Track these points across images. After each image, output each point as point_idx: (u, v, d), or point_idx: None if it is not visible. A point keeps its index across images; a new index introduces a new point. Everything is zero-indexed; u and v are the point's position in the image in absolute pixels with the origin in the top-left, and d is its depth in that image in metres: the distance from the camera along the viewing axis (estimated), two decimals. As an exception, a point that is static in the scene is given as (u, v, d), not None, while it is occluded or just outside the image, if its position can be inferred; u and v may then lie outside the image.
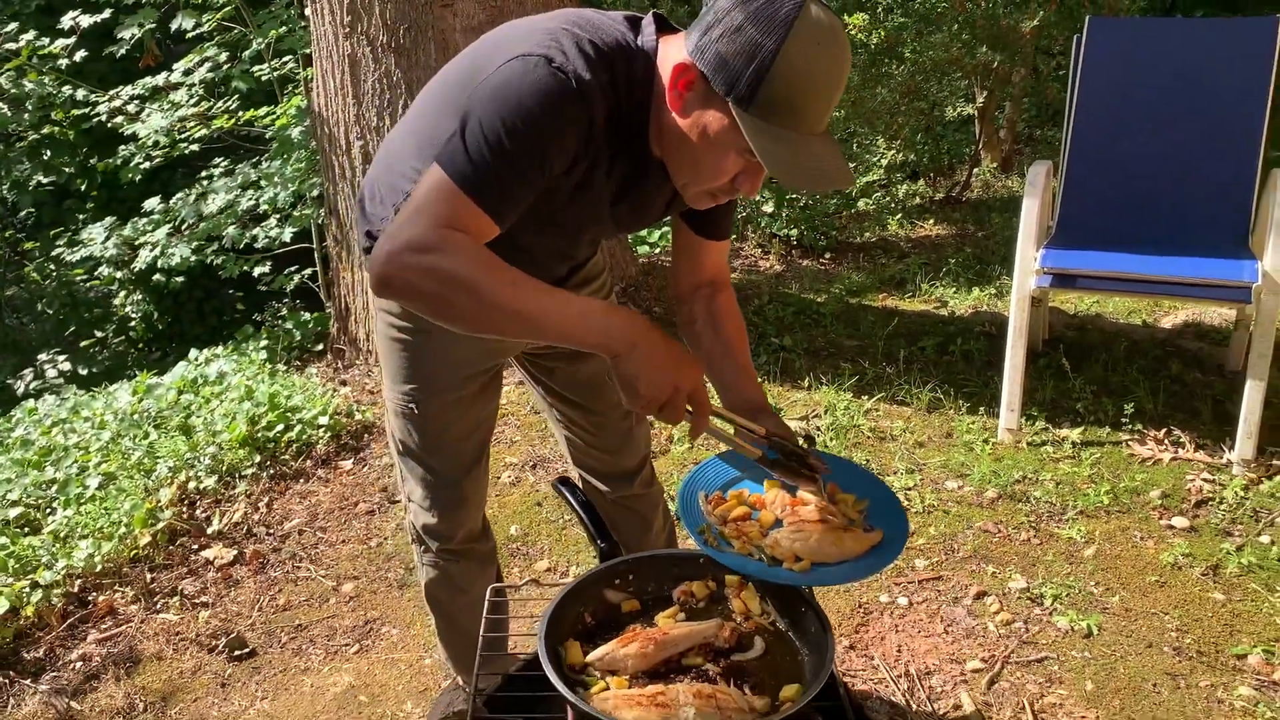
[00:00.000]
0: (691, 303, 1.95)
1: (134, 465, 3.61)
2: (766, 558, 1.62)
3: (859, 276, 5.44)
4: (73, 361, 8.49)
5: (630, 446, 2.23)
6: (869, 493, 1.77)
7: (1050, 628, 2.75)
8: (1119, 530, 3.12)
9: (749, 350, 1.97)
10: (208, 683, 2.73)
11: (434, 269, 1.43)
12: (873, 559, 1.63)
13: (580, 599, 1.71)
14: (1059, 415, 3.77)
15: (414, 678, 2.69)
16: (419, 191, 1.49)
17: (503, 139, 1.45)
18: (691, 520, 1.67)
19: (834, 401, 3.93)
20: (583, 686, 1.56)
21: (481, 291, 1.44)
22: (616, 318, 1.50)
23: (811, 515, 1.69)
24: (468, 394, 1.98)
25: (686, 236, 1.91)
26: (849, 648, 2.72)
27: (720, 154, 1.49)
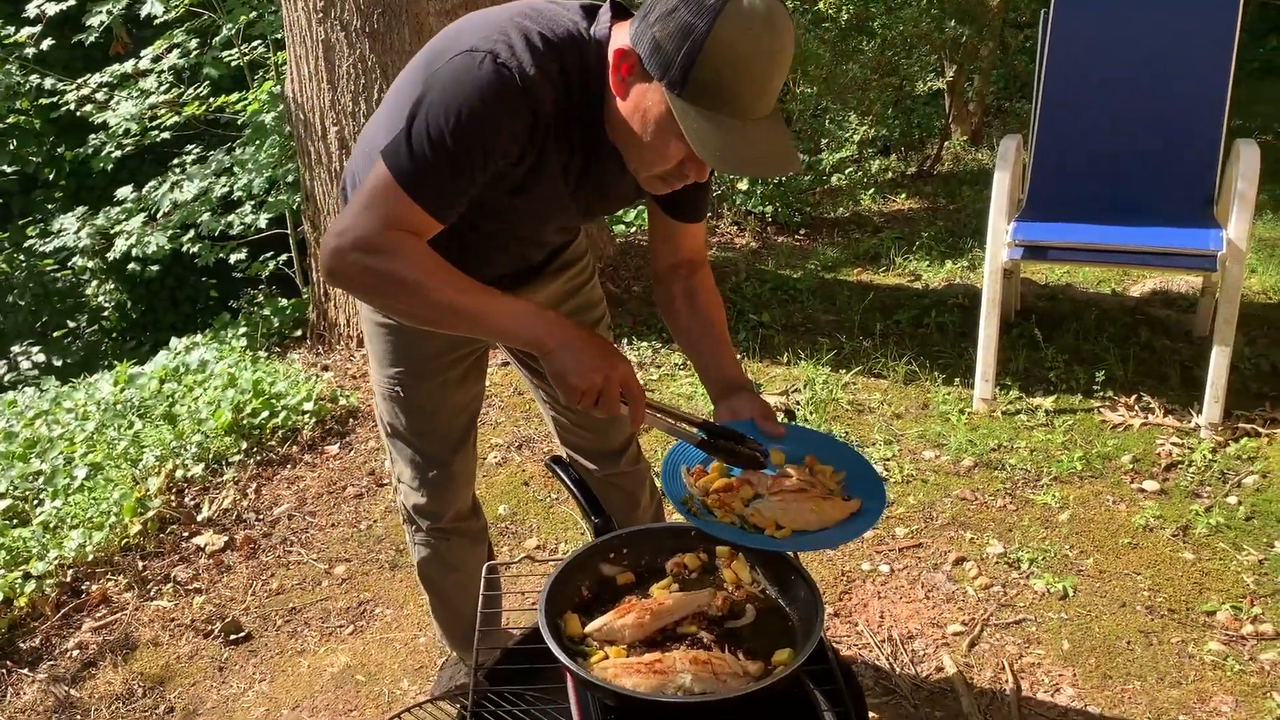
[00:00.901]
0: (670, 283, 2.00)
1: (120, 455, 3.63)
2: (749, 526, 1.68)
3: (834, 252, 5.51)
4: (46, 353, 8.44)
5: (616, 426, 2.27)
6: (846, 464, 1.83)
7: (1027, 590, 2.84)
8: (1092, 495, 3.21)
9: (727, 328, 2.01)
10: (205, 666, 2.77)
11: (379, 269, 1.53)
12: (851, 525, 1.69)
13: (577, 573, 1.76)
14: (1032, 384, 3.86)
15: (409, 656, 2.74)
16: (365, 187, 1.57)
17: (445, 137, 1.50)
18: (675, 491, 1.72)
19: (813, 376, 4.00)
20: (582, 656, 1.62)
21: (424, 291, 1.54)
22: (546, 317, 1.59)
23: (792, 485, 1.75)
24: (453, 376, 2.02)
25: (661, 219, 1.95)
26: (833, 614, 2.79)
27: (661, 139, 1.51)
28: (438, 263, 1.56)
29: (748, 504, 1.72)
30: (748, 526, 1.68)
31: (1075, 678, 2.53)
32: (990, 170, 4.15)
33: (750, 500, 1.73)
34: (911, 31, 6.23)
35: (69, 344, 8.76)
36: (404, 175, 1.52)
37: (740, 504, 1.72)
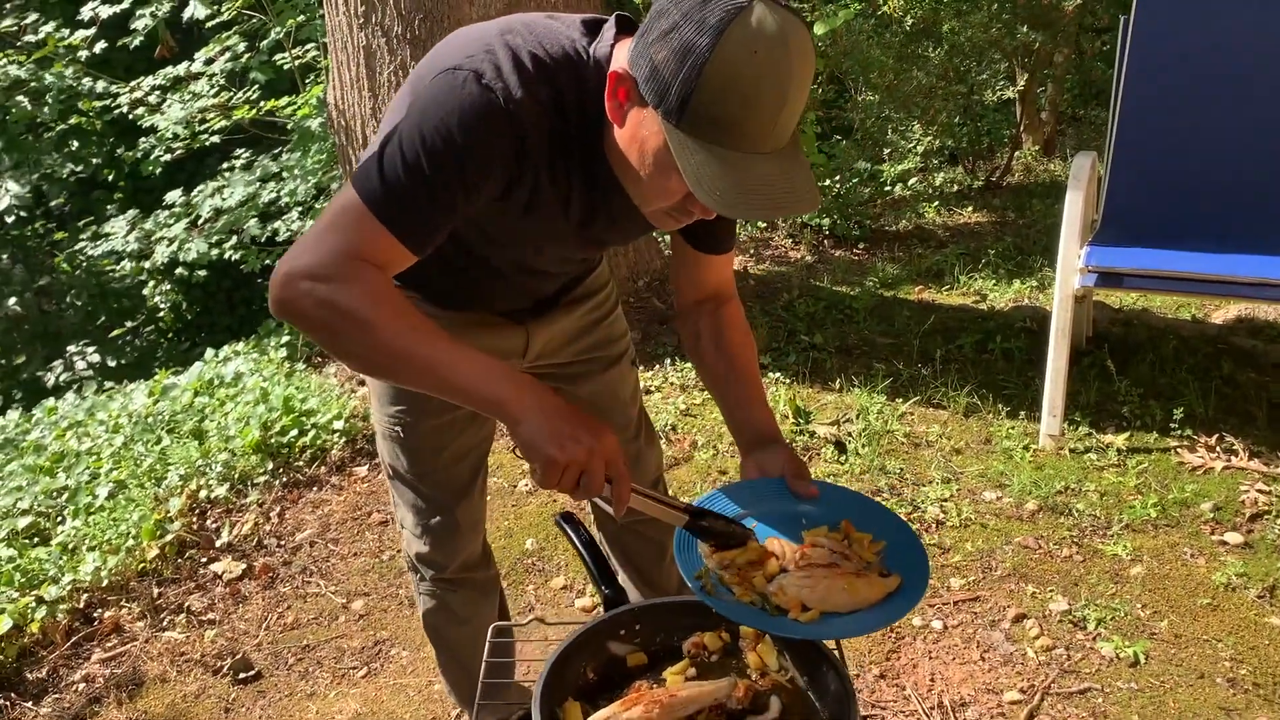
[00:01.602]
0: (695, 319, 1.80)
1: (145, 473, 3.53)
2: (770, 607, 1.48)
3: (894, 268, 5.26)
4: (102, 353, 8.49)
5: (639, 469, 2.09)
6: (887, 531, 1.62)
7: (1094, 655, 2.59)
8: (1167, 547, 2.95)
9: (758, 368, 1.81)
10: (211, 708, 2.64)
11: (329, 301, 1.32)
12: (888, 608, 1.48)
13: (582, 653, 1.58)
14: (1104, 420, 3.59)
15: (423, 704, 2.58)
16: (329, 211, 1.38)
17: (421, 161, 1.32)
18: (687, 564, 1.52)
19: (866, 405, 3.77)
20: (583, 759, 1.44)
21: (377, 332, 1.33)
22: (518, 380, 1.38)
23: (822, 558, 1.54)
24: (460, 416, 1.85)
25: (684, 250, 1.75)
26: (879, 676, 2.57)
27: (661, 174, 1.32)
28: (399, 302, 1.36)
29: (771, 580, 1.52)
30: (769, 607, 1.48)
31: (1147, 760, 2.29)
32: (1063, 182, 3.89)
33: (775, 576, 1.53)
34: (981, 37, 5.96)
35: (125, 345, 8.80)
36: (374, 199, 1.34)
37: (763, 580, 1.52)
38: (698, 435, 3.64)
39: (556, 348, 1.92)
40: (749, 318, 1.84)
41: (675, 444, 3.59)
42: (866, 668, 2.59)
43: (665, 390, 3.99)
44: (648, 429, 2.11)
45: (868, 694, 2.51)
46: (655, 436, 2.15)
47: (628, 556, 2.23)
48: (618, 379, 2.01)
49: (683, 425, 3.72)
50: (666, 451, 3.54)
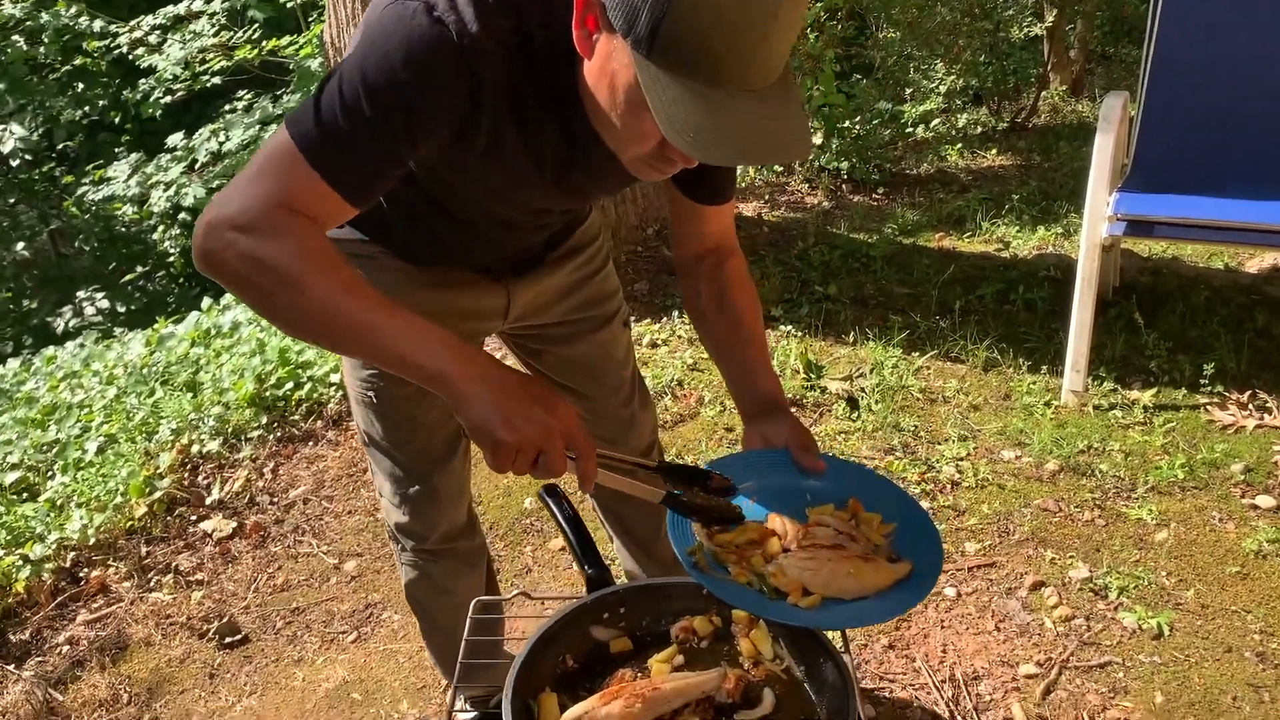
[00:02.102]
0: (694, 276, 1.66)
1: (136, 426, 3.44)
2: (768, 589, 1.36)
3: (914, 214, 5.07)
4: (111, 299, 8.41)
5: (633, 433, 1.97)
6: (898, 512, 1.49)
7: (1115, 626, 2.47)
8: (1195, 510, 2.81)
9: (763, 329, 1.67)
10: (196, 673, 2.56)
11: (252, 255, 1.17)
12: (897, 597, 1.36)
13: (561, 638, 1.46)
14: (1130, 375, 3.43)
15: (412, 672, 2.49)
16: (261, 153, 1.23)
17: (361, 102, 1.18)
18: (680, 539, 1.40)
19: (881, 358, 3.62)
20: (557, 752, 1.33)
21: (306, 291, 1.18)
22: (463, 350, 1.22)
23: (826, 538, 1.42)
24: None
25: (680, 201, 1.61)
26: (888, 647, 2.46)
27: (633, 114, 1.16)
28: (331, 259, 1.21)
29: (771, 561, 1.40)
30: (767, 590, 1.36)
31: (1169, 739, 2.17)
32: (1092, 123, 3.69)
33: (775, 557, 1.40)
34: (1009, -29, 5.69)
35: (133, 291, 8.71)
36: (308, 144, 1.19)
37: (762, 560, 1.40)
38: (704, 391, 3.51)
39: (542, 307, 1.79)
40: (761, 267, 1.70)
41: (681, 400, 3.46)
42: (874, 638, 2.48)
43: (673, 344, 3.85)
44: (641, 392, 1.98)
45: (875, 665, 2.40)
46: (650, 399, 2.02)
47: (625, 527, 2.11)
48: (609, 340, 1.88)
49: (689, 380, 3.59)
50: (672, 408, 3.41)
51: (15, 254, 8.69)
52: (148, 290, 8.98)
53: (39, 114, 8.32)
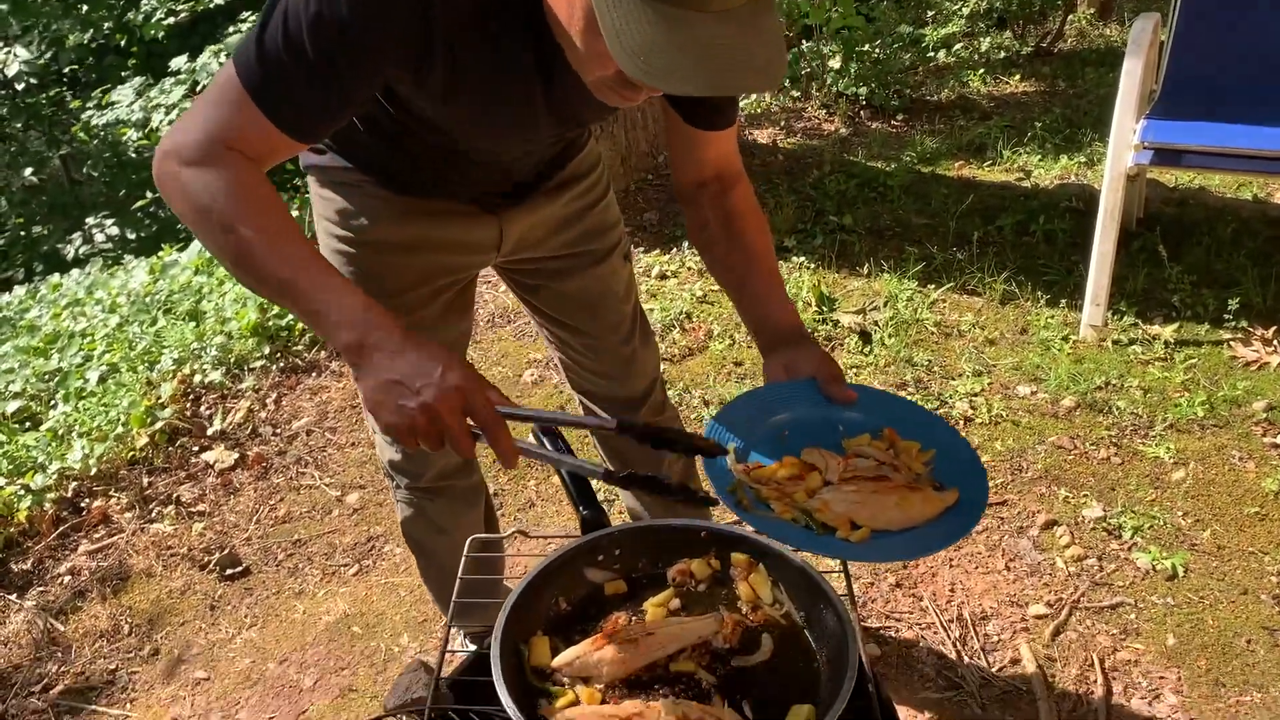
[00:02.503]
0: (699, 205, 1.57)
1: (138, 356, 3.39)
2: (815, 525, 1.30)
3: (933, 142, 4.93)
4: (121, 225, 8.33)
5: (633, 371, 1.90)
6: (935, 439, 1.42)
7: (1128, 566, 2.42)
8: (1214, 449, 2.74)
9: (775, 257, 1.58)
10: (196, 604, 2.54)
11: (189, 190, 1.16)
12: (948, 526, 1.30)
13: (554, 580, 1.42)
14: (1151, 309, 3.33)
15: (413, 606, 2.47)
16: (213, 83, 1.19)
17: (303, 37, 1.11)
18: (718, 476, 1.33)
19: (896, 291, 3.53)
20: (546, 697, 1.29)
21: (234, 234, 1.15)
22: (375, 323, 1.15)
23: (869, 470, 1.36)
24: (428, 314, 1.66)
25: (679, 127, 1.52)
26: (895, 585, 2.42)
27: (591, 33, 1.07)
28: (264, 205, 1.17)
29: (813, 495, 1.33)
30: (815, 525, 1.30)
31: (1180, 682, 2.13)
32: (1120, 48, 3.54)
33: (817, 491, 1.34)
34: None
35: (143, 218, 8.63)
36: (251, 80, 1.14)
37: (805, 495, 1.33)
38: (714, 324, 3.44)
39: (537, 240, 1.71)
40: (775, 195, 1.62)
41: (690, 333, 3.39)
42: (881, 576, 2.44)
43: (682, 275, 3.77)
44: (643, 328, 1.91)
45: (881, 604, 2.37)
46: (651, 336, 1.95)
47: (625, 463, 2.06)
48: (608, 274, 1.80)
49: (698, 313, 3.51)
50: (680, 342, 3.34)
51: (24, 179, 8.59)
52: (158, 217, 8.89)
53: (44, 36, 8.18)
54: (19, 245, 8.42)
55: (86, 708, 2.29)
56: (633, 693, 1.28)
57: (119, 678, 2.36)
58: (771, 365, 1.48)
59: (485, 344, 3.51)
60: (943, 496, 1.33)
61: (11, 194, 8.62)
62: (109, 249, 8.07)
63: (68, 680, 2.36)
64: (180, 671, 2.36)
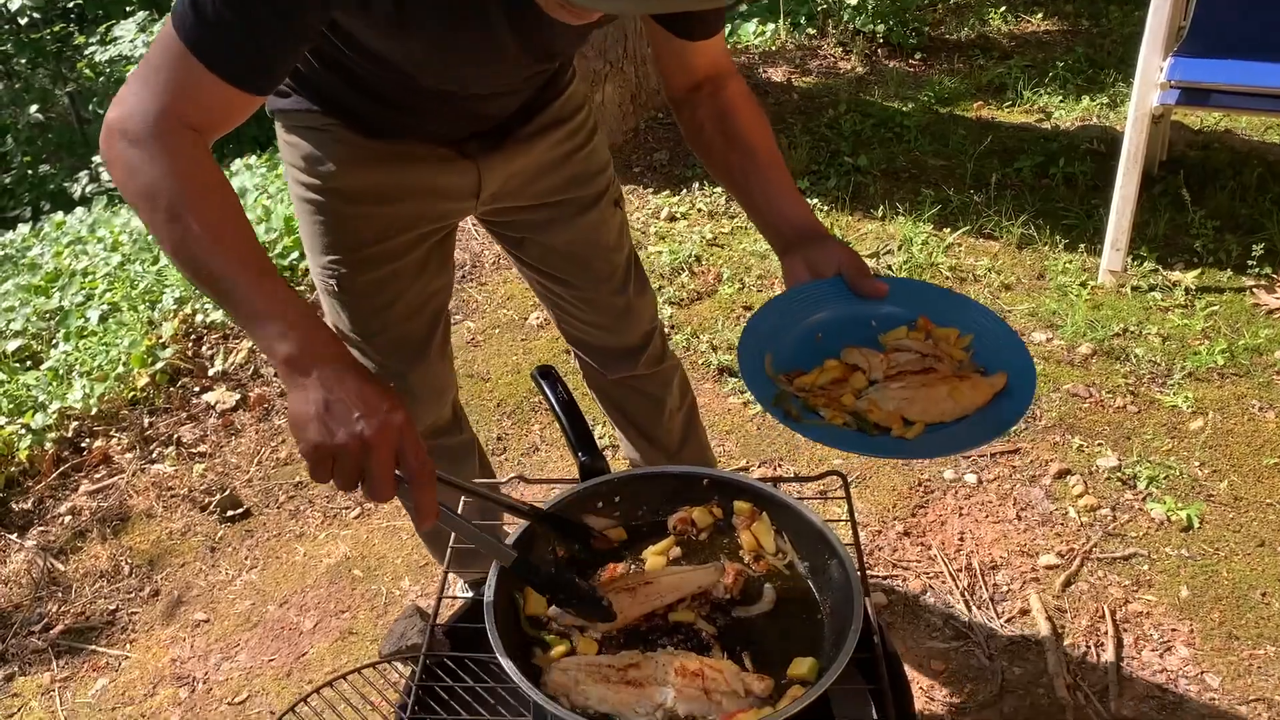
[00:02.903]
0: (692, 108, 1.48)
1: (139, 295, 3.35)
2: (868, 426, 1.24)
3: (952, 81, 4.80)
4: (127, 164, 8.26)
5: (629, 322, 1.83)
6: (972, 324, 1.36)
7: (1142, 517, 2.37)
8: (1234, 399, 2.68)
9: (778, 149, 1.47)
10: (196, 546, 2.52)
11: (133, 170, 1.09)
12: (1000, 411, 1.24)
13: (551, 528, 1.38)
14: (1172, 255, 3.25)
15: (415, 549, 2.44)
16: (152, 47, 1.12)
17: None
18: (761, 388, 1.27)
19: (911, 234, 3.45)
20: (542, 646, 1.25)
21: (181, 223, 1.08)
22: (318, 333, 1.07)
23: (913, 363, 1.30)
24: (405, 265, 1.59)
25: (663, 37, 1.43)
26: (903, 534, 2.38)
27: None
28: (214, 191, 1.10)
29: (861, 396, 1.28)
30: (867, 427, 1.24)
31: (1192, 635, 2.09)
32: (1147, -12, 3.41)
33: (864, 391, 1.29)
34: None
35: (150, 155, 8.56)
36: (188, 33, 1.07)
37: (853, 398, 1.28)
38: (724, 267, 3.37)
39: (518, 188, 1.62)
40: (789, 135, 1.54)
41: (699, 276, 3.32)
42: (889, 524, 2.40)
43: (692, 217, 3.69)
44: (638, 278, 1.83)
45: (889, 553, 2.33)
46: (648, 284, 1.87)
47: (625, 414, 2.01)
48: (598, 223, 1.71)
49: (708, 256, 3.44)
50: (689, 285, 3.28)
51: (30, 117, 8.51)
52: (165, 156, 8.83)
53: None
54: (26, 183, 8.35)
55: (86, 648, 2.28)
56: (630, 643, 1.25)
57: (119, 618, 2.35)
58: (792, 266, 1.37)
59: (490, 286, 3.45)
60: (992, 381, 1.27)
61: (18, 131, 8.53)
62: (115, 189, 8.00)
63: (68, 620, 2.35)
64: (180, 613, 2.34)
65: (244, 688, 2.13)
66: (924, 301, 1.38)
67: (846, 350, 1.33)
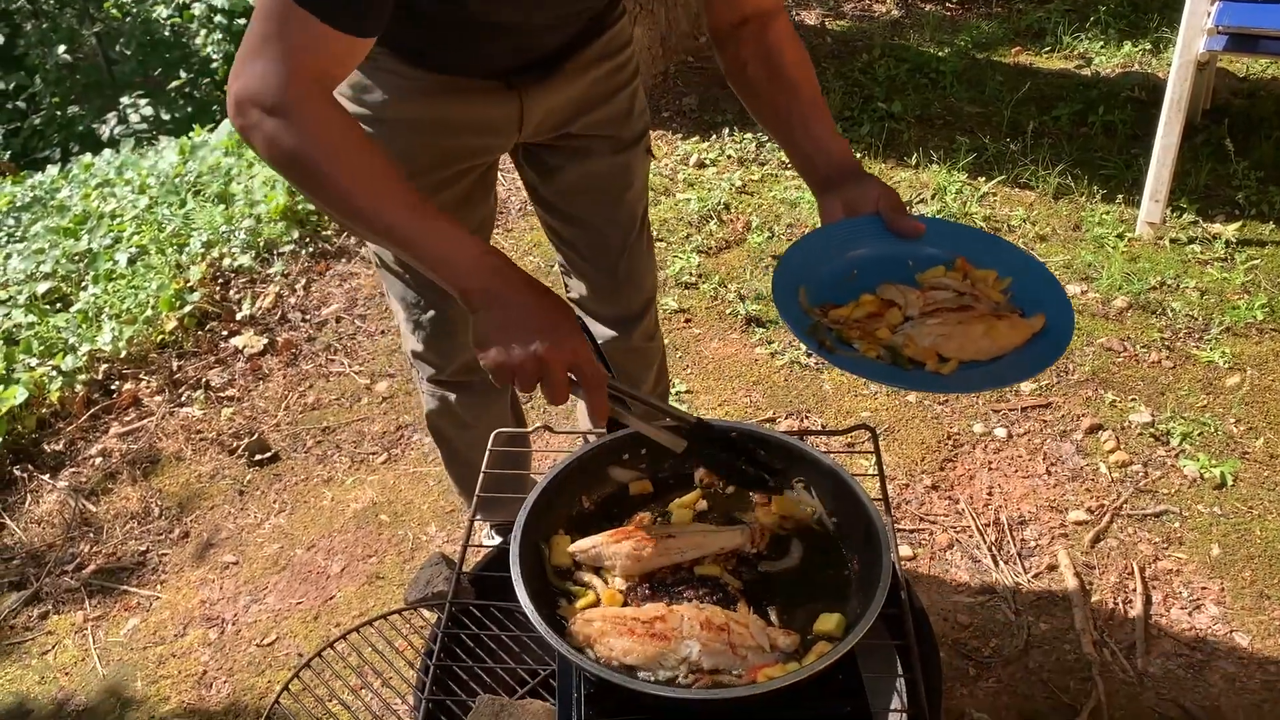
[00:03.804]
0: (735, 44, 1.45)
1: (167, 238, 3.35)
2: (902, 360, 1.23)
3: (990, 26, 4.69)
4: (155, 105, 8.24)
5: (631, 285, 1.82)
6: (1011, 266, 1.34)
7: (1175, 474, 2.34)
8: (1272, 355, 2.63)
9: (819, 88, 1.45)
10: (225, 489, 2.54)
11: (276, 142, 1.11)
12: (1037, 351, 1.23)
13: (578, 479, 1.37)
14: (1213, 206, 3.18)
15: (441, 496, 2.45)
16: (256, 12, 1.12)
17: None
18: (795, 319, 1.26)
19: (945, 183, 3.39)
20: (567, 597, 1.25)
21: (329, 187, 1.14)
22: (486, 264, 1.15)
23: (951, 301, 1.28)
24: (448, 198, 1.58)
25: None
26: (931, 487, 2.36)
27: None
28: (355, 151, 1.14)
29: (896, 331, 1.26)
30: (901, 361, 1.23)
31: (1222, 594, 2.07)
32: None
33: (900, 326, 1.27)
34: None
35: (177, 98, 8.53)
36: None
37: (888, 332, 1.26)
38: (753, 215, 3.32)
39: (560, 120, 1.61)
40: (822, 80, 1.49)
41: (728, 224, 3.28)
42: (917, 477, 2.38)
43: (721, 164, 3.64)
44: (647, 236, 1.82)
45: (916, 506, 2.31)
46: (653, 248, 1.87)
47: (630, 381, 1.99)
48: (629, 165, 1.70)
49: (737, 204, 3.39)
50: (717, 233, 3.24)
51: (58, 57, 8.49)
52: (193, 98, 8.79)
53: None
54: (55, 124, 8.37)
55: (118, 587, 2.31)
56: (655, 595, 1.24)
57: (149, 559, 2.38)
58: (828, 204, 1.36)
59: (517, 233, 3.43)
60: (1030, 322, 1.25)
61: (46, 72, 8.53)
62: (144, 129, 8.00)
63: (99, 560, 2.38)
64: (209, 555, 2.36)
65: (272, 629, 2.16)
66: (962, 243, 1.36)
67: (883, 286, 1.31)
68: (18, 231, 3.77)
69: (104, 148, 5.90)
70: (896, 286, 1.31)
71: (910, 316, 1.27)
